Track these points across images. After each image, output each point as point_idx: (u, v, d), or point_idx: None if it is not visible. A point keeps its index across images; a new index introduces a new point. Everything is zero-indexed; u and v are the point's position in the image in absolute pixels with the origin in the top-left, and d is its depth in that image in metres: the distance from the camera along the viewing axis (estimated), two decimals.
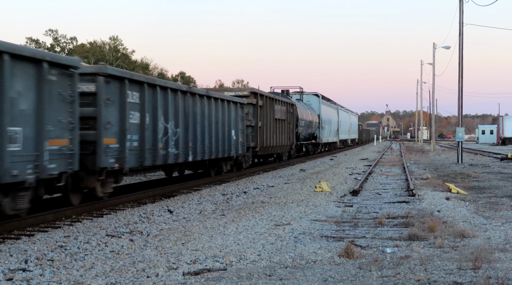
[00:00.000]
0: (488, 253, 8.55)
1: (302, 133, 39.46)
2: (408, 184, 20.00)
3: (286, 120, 32.81)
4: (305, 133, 40.78)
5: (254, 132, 26.29)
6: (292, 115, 34.81)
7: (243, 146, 24.02)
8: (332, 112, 54.61)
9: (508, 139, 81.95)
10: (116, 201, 14.66)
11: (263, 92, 28.29)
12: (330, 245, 9.44)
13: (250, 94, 26.34)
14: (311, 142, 43.52)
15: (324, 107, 48.69)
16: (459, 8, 35.85)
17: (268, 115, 28.48)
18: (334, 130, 55.92)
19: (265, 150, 28.29)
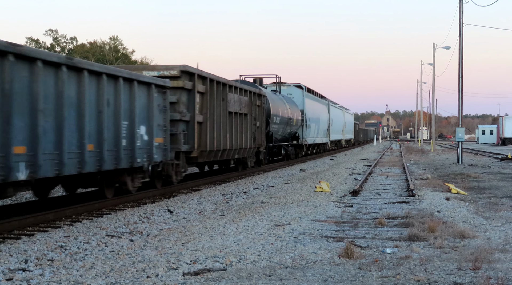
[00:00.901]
0: (488, 254, 8.55)
1: (278, 132, 32.20)
2: (408, 184, 20.00)
3: (250, 115, 24.56)
4: (283, 132, 33.47)
5: (189, 130, 18.23)
6: (260, 109, 26.63)
7: (164, 151, 16.41)
8: (320, 108, 47.29)
9: (508, 139, 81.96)
10: (116, 201, 14.66)
11: (206, 73, 19.53)
12: (330, 246, 9.44)
13: (182, 75, 17.92)
14: (290, 143, 36.17)
15: (309, 101, 41.51)
16: (459, 8, 35.85)
17: (216, 106, 20.02)
18: (324, 129, 48.69)
19: (209, 156, 19.83)
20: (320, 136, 46.77)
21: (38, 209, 12.89)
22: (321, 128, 47.10)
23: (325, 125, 49.66)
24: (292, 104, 36.31)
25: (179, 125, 17.78)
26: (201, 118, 18.91)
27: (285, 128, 33.78)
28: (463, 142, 35.55)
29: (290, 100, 36.49)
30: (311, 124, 41.13)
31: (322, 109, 48.27)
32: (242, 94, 23.42)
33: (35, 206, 13.52)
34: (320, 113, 46.50)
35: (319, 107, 46.89)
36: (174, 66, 18.03)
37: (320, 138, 46.74)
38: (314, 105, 44.08)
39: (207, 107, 19.36)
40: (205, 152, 19.20)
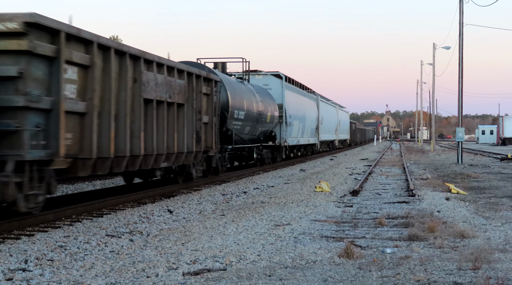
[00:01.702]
0: (488, 254, 8.55)
1: (243, 131, 25.29)
2: (408, 184, 20.00)
3: (190, 106, 17.25)
4: (251, 131, 26.56)
5: (50, 125, 10.96)
6: (209, 100, 19.34)
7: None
8: (307, 103, 40.47)
9: (508, 139, 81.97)
10: (116, 201, 14.65)
11: (92, 35, 12.29)
12: (330, 245, 9.44)
13: (30, 31, 10.39)
14: (263, 144, 29.11)
15: (291, 94, 34.61)
16: (459, 8, 35.85)
17: (119, 89, 13.28)
18: (311, 128, 41.59)
19: (101, 166, 12.71)
20: (306, 136, 39.81)
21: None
22: (308, 127, 39.93)
23: (313, 124, 42.63)
24: (266, 96, 29.61)
25: (24, 116, 10.38)
26: (82, 106, 11.88)
27: (255, 126, 26.84)
28: (463, 142, 35.55)
29: (264, 92, 29.90)
30: (294, 122, 34.54)
31: (309, 105, 41.30)
32: (174, 75, 15.93)
33: None
34: (307, 109, 39.74)
35: (305, 102, 40.03)
36: (13, 15, 10.40)
37: (306, 138, 39.75)
38: (298, 99, 37.49)
39: (96, 90, 12.26)
40: (88, 162, 12.08)
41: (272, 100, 30.93)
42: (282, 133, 32.03)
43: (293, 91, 36.31)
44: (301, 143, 38.30)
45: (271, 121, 29.64)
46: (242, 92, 25.38)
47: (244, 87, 26.33)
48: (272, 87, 32.62)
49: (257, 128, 27.48)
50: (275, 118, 30.34)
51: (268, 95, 30.71)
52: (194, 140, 17.77)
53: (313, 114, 42.54)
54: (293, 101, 35.48)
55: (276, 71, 33.62)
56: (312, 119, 42.08)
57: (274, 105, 30.55)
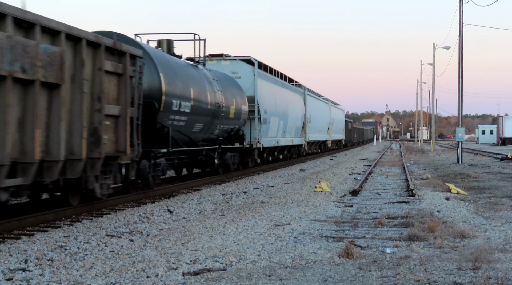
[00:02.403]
0: (488, 254, 8.55)
1: (192, 128, 19.31)
2: (408, 184, 20.00)
3: (78, 90, 11.86)
4: (208, 129, 20.80)
5: None
6: (121, 82, 13.63)
7: None
8: (289, 97, 34.09)
9: (508, 139, 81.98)
10: (116, 201, 14.65)
11: None
12: (330, 245, 9.44)
13: None
14: (228, 146, 23.03)
15: (266, 85, 28.42)
16: (459, 8, 35.84)
17: None
18: (296, 126, 35.49)
19: None
20: (289, 136, 33.66)
21: None
22: (291, 125, 33.77)
23: (299, 122, 36.39)
24: (230, 86, 23.65)
25: None
26: None
27: (211, 123, 20.80)
28: (463, 142, 35.54)
29: (227, 80, 23.94)
30: (271, 119, 28.50)
31: (293, 100, 34.99)
32: (36, 37, 10.42)
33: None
34: (290, 105, 33.66)
35: (288, 96, 33.72)
36: None
37: (288, 138, 33.58)
38: (278, 91, 31.11)
39: None
40: None
41: (240, 90, 24.63)
42: (255, 132, 25.81)
43: (270, 81, 29.89)
44: (281, 144, 31.82)
45: (236, 117, 23.47)
46: (188, 77, 18.91)
47: (194, 72, 19.98)
48: (242, 76, 26.34)
49: (214, 126, 21.26)
50: (243, 113, 24.23)
51: (234, 84, 24.59)
52: (86, 142, 11.96)
53: (298, 110, 36.20)
54: (270, 93, 29.16)
55: (247, 56, 27.07)
56: (297, 116, 35.71)
57: (242, 97, 24.47)
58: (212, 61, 25.99)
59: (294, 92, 36.45)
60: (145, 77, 15.61)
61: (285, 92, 33.22)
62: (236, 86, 24.67)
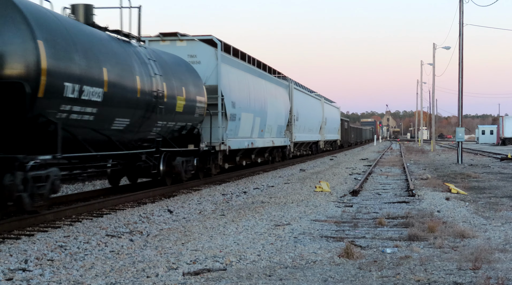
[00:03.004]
0: (488, 254, 8.55)
1: (112, 125, 14.18)
2: (408, 184, 20.00)
3: None
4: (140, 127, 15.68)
5: None
6: None
7: None
8: (270, 90, 29.12)
9: (508, 139, 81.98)
10: (116, 201, 14.66)
11: None
12: (330, 245, 9.44)
13: None
14: (178, 150, 17.93)
15: (234, 72, 23.31)
16: (459, 8, 35.85)
17: None
18: (278, 125, 30.72)
19: None
20: (269, 136, 28.86)
21: None
22: (271, 123, 28.94)
23: (282, 119, 31.63)
24: (179, 71, 18.24)
25: None
26: None
27: (144, 118, 15.56)
28: (463, 142, 35.55)
29: (177, 64, 18.53)
30: (242, 115, 23.54)
31: (274, 93, 29.82)
32: None
33: None
34: (270, 99, 28.61)
35: (267, 89, 28.55)
36: None
37: (268, 138, 28.66)
38: (252, 82, 25.73)
39: None
40: None
41: (195, 78, 19.36)
42: (217, 131, 21.05)
43: (241, 69, 24.63)
44: (258, 146, 26.64)
45: (188, 111, 18.23)
46: (100, 52, 13.53)
47: (114, 47, 14.54)
48: (203, 60, 21.44)
49: (151, 122, 15.94)
50: (198, 107, 18.97)
51: (187, 70, 19.12)
52: None
53: (281, 106, 31.32)
54: (241, 84, 24.22)
55: (208, 35, 21.83)
56: (280, 113, 30.90)
57: (198, 87, 19.18)
58: (164, 41, 21.42)
59: (276, 84, 31.23)
60: (8, 43, 10.67)
61: (263, 83, 27.94)
62: (189, 72, 19.17)
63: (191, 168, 18.94)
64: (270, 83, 29.84)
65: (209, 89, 20.81)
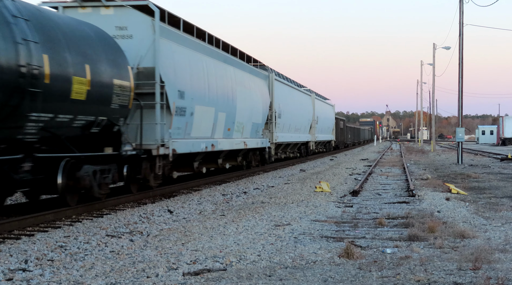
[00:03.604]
0: (488, 254, 8.55)
1: None
2: (408, 184, 19.99)
3: None
4: (8, 121, 10.53)
5: None
6: None
7: None
8: (241, 79, 23.48)
9: (508, 140, 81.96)
10: (116, 201, 14.65)
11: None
12: (330, 246, 9.44)
13: None
14: (74, 155, 12.59)
15: (181, 52, 17.77)
16: (459, 8, 35.84)
17: None
18: (254, 122, 25.36)
19: None
20: (239, 136, 23.13)
21: None
22: (243, 121, 23.50)
23: (259, 116, 25.91)
24: (83, 42, 13.13)
25: None
26: None
27: (7, 106, 10.47)
28: (463, 142, 35.55)
29: (82, 32, 13.45)
30: (195, 108, 18.11)
31: (247, 84, 24.29)
32: None
33: None
34: (239, 89, 22.75)
35: (237, 78, 22.87)
36: None
37: (238, 139, 22.97)
38: (213, 68, 20.04)
39: None
40: None
41: (114, 54, 14.25)
42: (152, 130, 15.63)
43: (195, 49, 18.81)
44: (224, 148, 21.12)
45: (98, 101, 13.26)
46: None
47: None
48: (135, 34, 15.95)
49: (20, 114, 10.85)
50: (116, 94, 13.93)
51: (101, 43, 13.90)
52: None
53: (257, 100, 25.67)
54: (195, 68, 18.53)
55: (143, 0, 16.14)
56: (256, 108, 25.31)
57: (118, 67, 14.18)
58: (84, 8, 15.92)
59: (251, 73, 25.28)
60: None
61: (231, 71, 22.06)
62: (104, 46, 13.90)
63: (110, 180, 13.91)
64: (241, 72, 23.77)
65: (143, 73, 15.78)
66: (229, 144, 21.97)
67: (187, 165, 19.45)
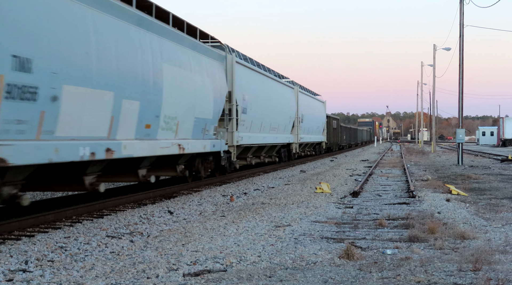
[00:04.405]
0: (489, 255, 8.55)
1: None
2: (409, 185, 19.99)
3: None
4: None
5: None
6: None
7: None
8: (165, 50, 15.26)
9: (509, 141, 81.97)
10: (116, 201, 14.65)
11: None
12: (330, 247, 9.44)
13: None
14: None
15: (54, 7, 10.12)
16: (459, 9, 35.85)
17: None
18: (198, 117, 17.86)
19: None
20: (168, 137, 15.75)
21: None
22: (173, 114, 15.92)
23: (206, 109, 18.74)
24: None
25: None
26: None
27: None
28: (463, 143, 35.55)
29: None
30: (64, 91, 10.45)
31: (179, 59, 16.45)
32: None
33: None
34: (166, 67, 15.32)
35: (158, 48, 14.96)
36: None
37: (165, 141, 15.44)
38: (103, 25, 11.93)
39: None
40: None
41: None
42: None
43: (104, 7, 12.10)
44: (132, 155, 13.55)
45: None
46: None
47: None
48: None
49: None
50: None
51: None
52: None
53: (202, 85, 18.21)
54: (57, 19, 10.47)
55: None
56: (200, 98, 18.00)
57: None
58: None
59: (193, 50, 17.65)
60: None
61: (153, 41, 14.72)
62: None
63: None
64: (174, 45, 16.22)
65: None
66: (149, 149, 14.48)
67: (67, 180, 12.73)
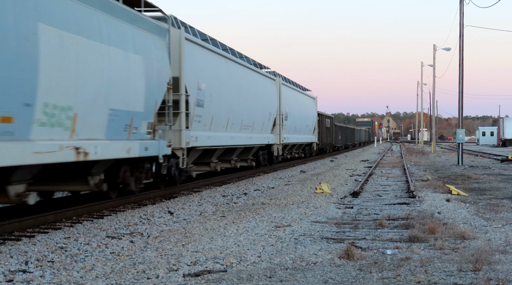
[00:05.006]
0: (489, 255, 8.55)
1: None
2: (409, 185, 19.99)
3: None
4: None
5: None
6: None
7: None
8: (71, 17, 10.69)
9: (509, 141, 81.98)
10: (116, 202, 14.65)
11: None
12: (331, 247, 9.44)
13: None
14: None
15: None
16: (459, 9, 35.85)
17: None
18: (119, 115, 12.83)
19: None
20: (59, 136, 10.63)
21: None
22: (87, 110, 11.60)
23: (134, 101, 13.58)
24: None
25: None
26: None
27: None
28: (463, 143, 35.56)
29: None
30: None
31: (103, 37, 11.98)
32: None
33: None
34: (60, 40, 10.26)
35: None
36: None
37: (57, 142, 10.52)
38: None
39: None
40: None
41: None
42: None
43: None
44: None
45: None
46: None
47: None
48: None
49: None
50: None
51: None
52: None
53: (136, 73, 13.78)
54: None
55: None
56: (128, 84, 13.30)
57: None
58: None
59: (107, 13, 12.50)
60: None
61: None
62: None
63: None
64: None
65: None
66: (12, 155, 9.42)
67: None
